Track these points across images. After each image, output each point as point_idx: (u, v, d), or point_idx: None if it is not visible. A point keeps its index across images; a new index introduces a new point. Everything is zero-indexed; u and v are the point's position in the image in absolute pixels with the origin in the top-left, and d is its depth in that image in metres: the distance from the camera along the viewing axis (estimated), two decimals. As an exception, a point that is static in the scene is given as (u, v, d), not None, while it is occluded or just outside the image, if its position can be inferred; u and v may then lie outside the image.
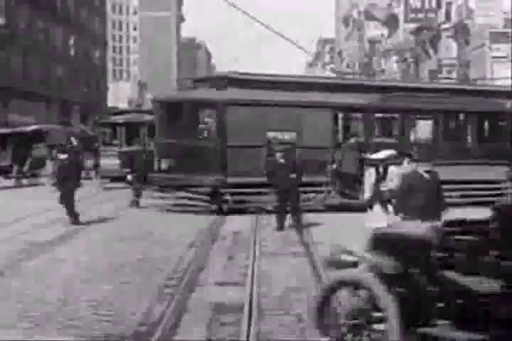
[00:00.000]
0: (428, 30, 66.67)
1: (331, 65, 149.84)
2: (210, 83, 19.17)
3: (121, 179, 24.51)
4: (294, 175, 15.19)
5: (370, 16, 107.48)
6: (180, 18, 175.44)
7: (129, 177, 20.08)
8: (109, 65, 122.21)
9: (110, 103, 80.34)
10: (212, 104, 18.31)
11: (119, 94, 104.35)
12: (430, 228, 5.55)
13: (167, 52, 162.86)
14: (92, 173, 32.37)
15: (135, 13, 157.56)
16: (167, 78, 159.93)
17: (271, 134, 18.35)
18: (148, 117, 28.13)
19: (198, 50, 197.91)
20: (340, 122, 20.37)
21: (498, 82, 40.85)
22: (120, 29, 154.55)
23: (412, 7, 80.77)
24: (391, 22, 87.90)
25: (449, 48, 61.54)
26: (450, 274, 5.21)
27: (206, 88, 18.96)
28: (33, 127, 38.81)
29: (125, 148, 26.35)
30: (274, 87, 18.60)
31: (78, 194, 16.15)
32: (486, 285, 5.00)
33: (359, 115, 20.49)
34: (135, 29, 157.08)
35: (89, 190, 25.62)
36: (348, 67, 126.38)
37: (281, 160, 15.37)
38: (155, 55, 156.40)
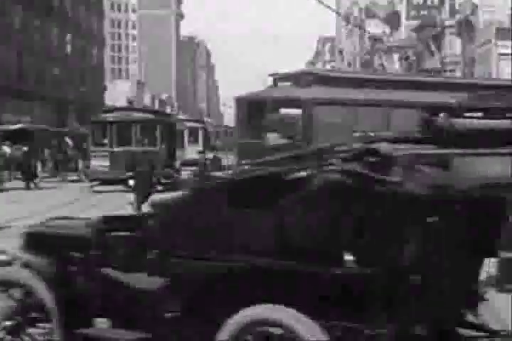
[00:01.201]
0: (431, 27, 65.58)
1: (332, 63, 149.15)
2: (294, 80, 18.15)
3: (113, 182, 23.05)
4: None
5: (370, 14, 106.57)
6: (180, 16, 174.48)
7: (131, 182, 17.89)
8: (108, 64, 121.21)
9: (108, 102, 79.30)
10: (297, 102, 17.21)
11: (118, 93, 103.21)
12: (86, 225, 5.43)
13: (166, 50, 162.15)
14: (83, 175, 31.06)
15: (134, 11, 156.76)
16: (166, 77, 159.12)
17: (358, 135, 17.18)
18: (141, 115, 26.32)
19: (197, 48, 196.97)
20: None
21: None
22: (119, 27, 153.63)
23: (414, 4, 79.84)
24: (392, 19, 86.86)
25: (453, 45, 60.38)
26: (109, 271, 5.10)
27: (289, 86, 18.03)
28: (16, 126, 37.36)
29: (117, 148, 24.81)
30: (361, 85, 17.61)
31: (63, 198, 14.82)
32: (147, 282, 4.89)
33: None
34: (134, 27, 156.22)
35: (76, 194, 24.22)
36: (349, 65, 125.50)
37: None
38: (154, 54, 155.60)
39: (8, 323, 5.34)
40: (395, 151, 4.03)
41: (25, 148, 29.63)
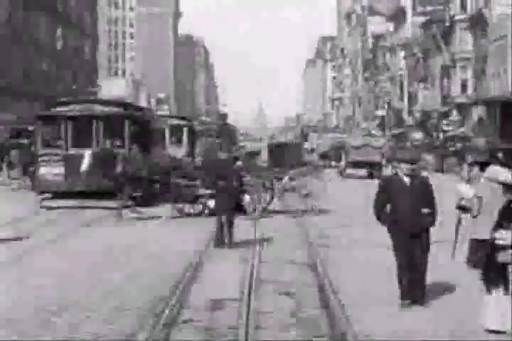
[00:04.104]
0: (440, 23, 62.75)
1: (333, 63, 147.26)
2: None
3: (68, 194, 18.85)
4: (426, 210, 8.51)
5: (374, 11, 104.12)
6: (178, 15, 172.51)
7: (210, 202, 13.93)
8: (105, 62, 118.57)
9: (102, 100, 76.62)
10: None
11: (113, 92, 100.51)
12: None
13: (164, 49, 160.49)
14: None
15: (131, 9, 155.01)
16: (164, 76, 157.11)
17: None
18: (103, 108, 21.33)
19: (195, 47, 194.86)
20: None
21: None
22: (116, 25, 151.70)
23: (420, -1, 77.43)
24: (397, 16, 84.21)
25: (464, 41, 57.50)
26: None
27: None
28: None
29: (73, 151, 20.12)
30: None
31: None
32: None
33: None
34: (131, 25, 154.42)
35: (19, 210, 18.79)
36: (350, 64, 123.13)
37: (406, 180, 8.58)
38: (151, 52, 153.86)
39: None
40: None
41: None
